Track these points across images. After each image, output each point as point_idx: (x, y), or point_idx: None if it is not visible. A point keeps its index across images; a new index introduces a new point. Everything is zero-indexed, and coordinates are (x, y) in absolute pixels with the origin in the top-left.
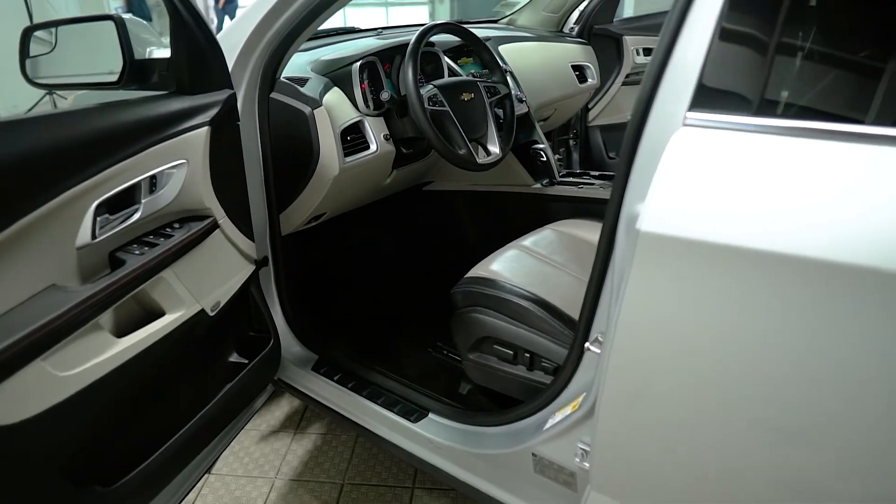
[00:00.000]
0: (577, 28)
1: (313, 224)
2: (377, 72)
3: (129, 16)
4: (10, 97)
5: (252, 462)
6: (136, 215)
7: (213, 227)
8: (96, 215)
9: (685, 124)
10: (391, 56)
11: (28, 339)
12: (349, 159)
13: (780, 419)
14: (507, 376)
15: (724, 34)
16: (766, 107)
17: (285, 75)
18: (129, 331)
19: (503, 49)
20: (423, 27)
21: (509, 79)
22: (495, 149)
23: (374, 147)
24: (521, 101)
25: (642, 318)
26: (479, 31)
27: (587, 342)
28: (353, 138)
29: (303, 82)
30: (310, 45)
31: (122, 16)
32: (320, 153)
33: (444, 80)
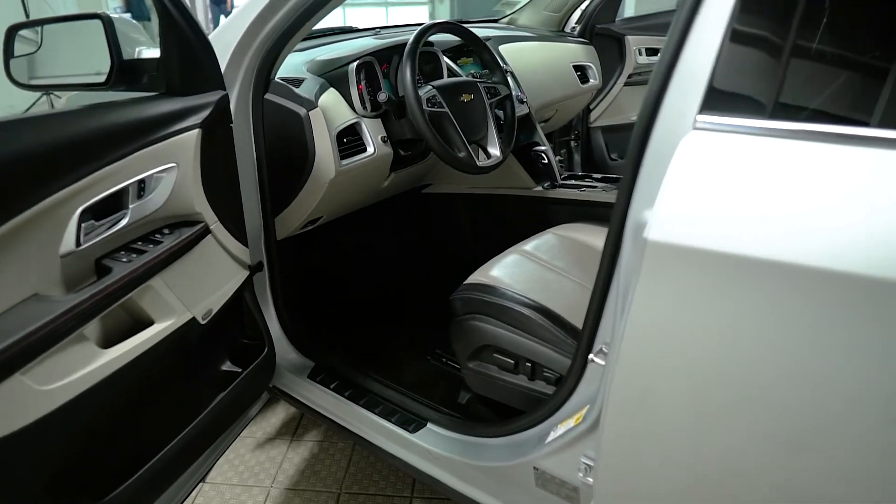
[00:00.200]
0: (578, 28)
1: (309, 228)
2: (374, 72)
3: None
4: (6, 97)
5: (247, 470)
6: (124, 221)
7: (205, 232)
8: (81, 221)
9: (695, 128)
10: (389, 56)
11: (6, 353)
12: (345, 162)
13: (802, 439)
14: (508, 386)
15: (735, 35)
16: (782, 110)
17: (280, 76)
18: (117, 341)
19: (504, 49)
20: (421, 26)
21: (510, 79)
22: (496, 151)
23: (371, 149)
24: (522, 101)
25: (649, 332)
26: (479, 31)
27: (591, 353)
28: (349, 140)
29: (298, 83)
30: (306, 45)
31: (109, 14)
32: (316, 156)
33: (444, 80)
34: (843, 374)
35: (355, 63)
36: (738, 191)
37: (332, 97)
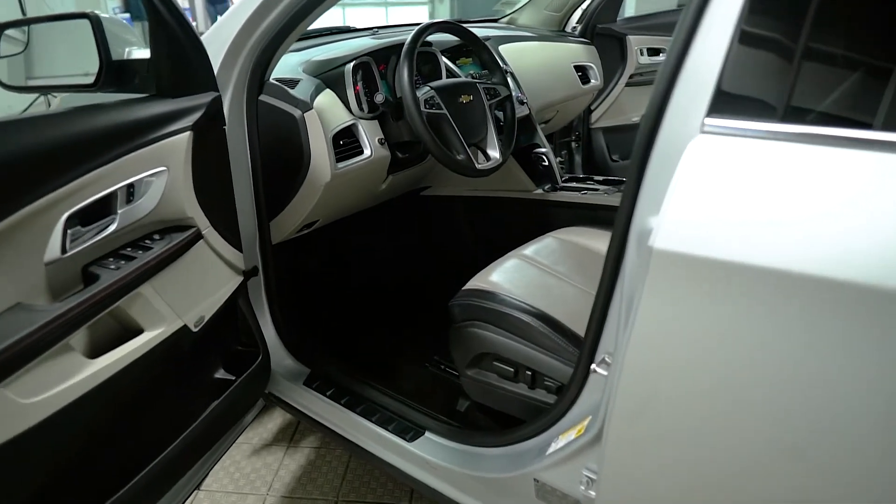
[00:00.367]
0: (579, 27)
1: (305, 232)
2: (372, 73)
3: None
4: (3, 98)
5: (243, 478)
6: (112, 227)
7: (197, 237)
8: (67, 227)
9: (703, 131)
10: (386, 56)
11: None
12: (342, 165)
13: (819, 455)
14: (508, 394)
15: (744, 37)
16: (794, 113)
17: (275, 76)
18: (106, 350)
19: (503, 49)
20: (419, 26)
21: (510, 80)
22: (495, 153)
23: (368, 152)
24: (523, 102)
25: (654, 344)
26: (479, 31)
27: (593, 363)
28: (345, 143)
29: (293, 84)
30: (302, 45)
31: (98, 14)
32: (311, 159)
33: (442, 81)
34: (863, 388)
35: (352, 63)
36: (749, 197)
37: (327, 98)
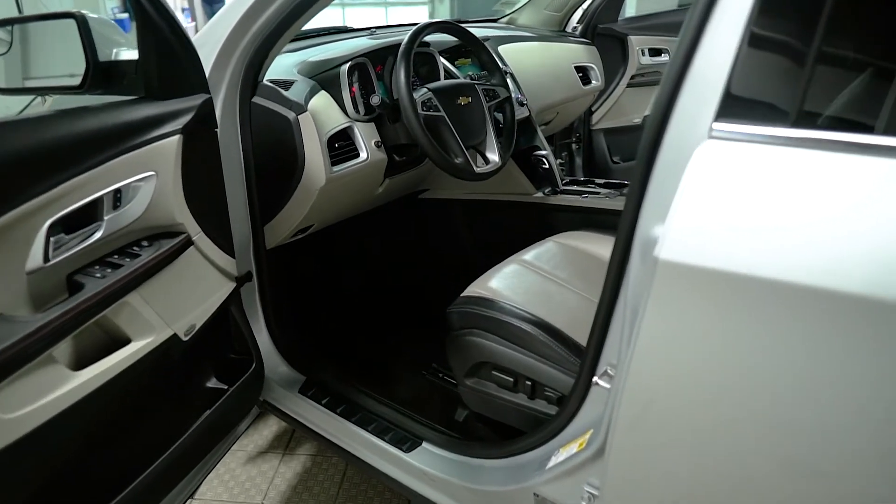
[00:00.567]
0: (580, 27)
1: (300, 237)
2: (368, 74)
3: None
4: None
5: (238, 486)
6: (98, 234)
7: (187, 243)
8: (49, 235)
9: (711, 136)
10: (383, 57)
11: None
12: (337, 168)
13: (826, 466)
14: (507, 404)
15: (753, 39)
16: (806, 118)
17: (269, 78)
18: (92, 361)
19: (503, 49)
20: (417, 26)
21: (509, 81)
22: (494, 156)
23: (364, 155)
24: (522, 104)
25: (659, 358)
26: (478, 31)
27: (595, 375)
28: (341, 145)
29: (287, 85)
30: (297, 46)
31: (84, 14)
32: (305, 162)
33: (440, 82)
34: (870, 402)
35: (348, 64)
36: (760, 207)
37: (322, 100)
